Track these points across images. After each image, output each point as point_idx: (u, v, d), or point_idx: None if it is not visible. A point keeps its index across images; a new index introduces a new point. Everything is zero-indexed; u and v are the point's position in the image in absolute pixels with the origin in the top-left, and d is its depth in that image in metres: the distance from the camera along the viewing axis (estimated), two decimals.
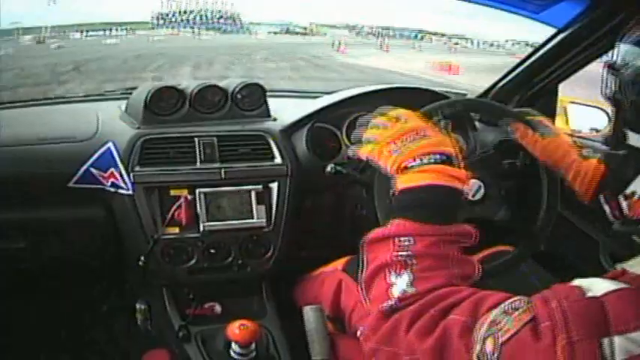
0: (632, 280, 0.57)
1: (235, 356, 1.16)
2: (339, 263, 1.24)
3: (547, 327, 0.52)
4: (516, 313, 0.55)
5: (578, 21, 1.23)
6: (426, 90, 1.57)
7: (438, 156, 0.72)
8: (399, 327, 0.62)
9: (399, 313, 0.63)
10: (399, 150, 0.74)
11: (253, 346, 1.15)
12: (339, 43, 24.08)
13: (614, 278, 0.58)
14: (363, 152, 0.79)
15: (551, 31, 1.33)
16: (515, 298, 0.58)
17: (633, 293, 0.52)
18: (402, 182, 0.72)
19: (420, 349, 0.59)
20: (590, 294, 0.53)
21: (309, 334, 1.11)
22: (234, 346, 1.15)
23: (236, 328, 1.11)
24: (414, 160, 0.72)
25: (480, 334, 0.55)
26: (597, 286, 0.54)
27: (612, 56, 0.66)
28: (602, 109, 1.51)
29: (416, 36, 36.69)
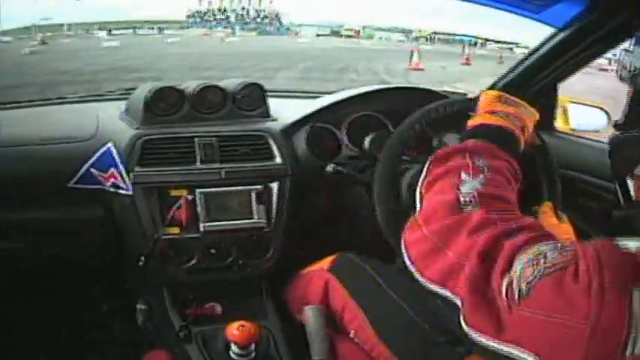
0: None
1: (235, 357, 1.16)
2: (325, 263, 1.24)
3: (584, 270, 0.53)
4: (565, 252, 0.56)
5: (577, 21, 1.23)
6: (425, 90, 1.57)
7: (520, 122, 0.84)
8: (462, 227, 0.63)
9: (467, 211, 0.64)
10: (504, 103, 0.86)
11: (252, 346, 1.15)
12: (414, 56, 14.77)
13: None
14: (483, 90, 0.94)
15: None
16: (568, 242, 0.59)
17: None
18: (482, 119, 0.83)
19: (472, 261, 0.59)
20: (624, 249, 0.55)
21: (309, 334, 1.11)
22: (233, 347, 1.15)
23: (235, 329, 1.11)
24: (503, 111, 0.84)
25: (522, 260, 0.56)
26: (632, 244, 0.55)
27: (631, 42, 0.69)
28: (602, 108, 1.51)
29: (475, 43, 31.53)
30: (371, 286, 1.11)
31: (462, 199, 0.66)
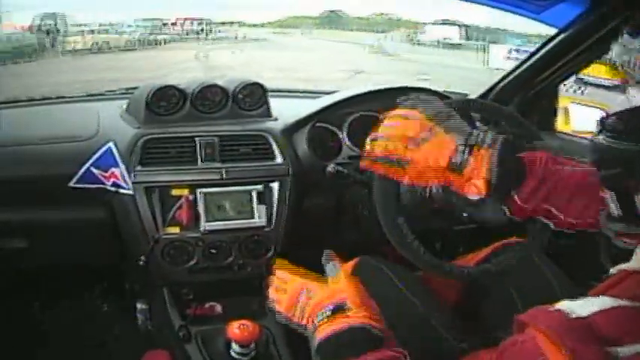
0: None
1: (235, 356, 1.16)
2: (348, 266, 1.24)
3: None
4: None
5: (578, 22, 1.24)
6: (426, 90, 1.57)
7: (329, 308, 0.80)
8: None
9: None
10: (303, 308, 0.85)
11: (253, 345, 1.15)
12: None
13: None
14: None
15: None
16: None
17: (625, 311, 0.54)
18: (317, 335, 0.79)
19: None
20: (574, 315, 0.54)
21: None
22: (234, 345, 1.15)
23: (236, 328, 1.11)
24: (316, 316, 0.81)
25: None
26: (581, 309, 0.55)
27: None
28: (602, 109, 1.52)
29: None
30: (389, 287, 1.12)
31: None
